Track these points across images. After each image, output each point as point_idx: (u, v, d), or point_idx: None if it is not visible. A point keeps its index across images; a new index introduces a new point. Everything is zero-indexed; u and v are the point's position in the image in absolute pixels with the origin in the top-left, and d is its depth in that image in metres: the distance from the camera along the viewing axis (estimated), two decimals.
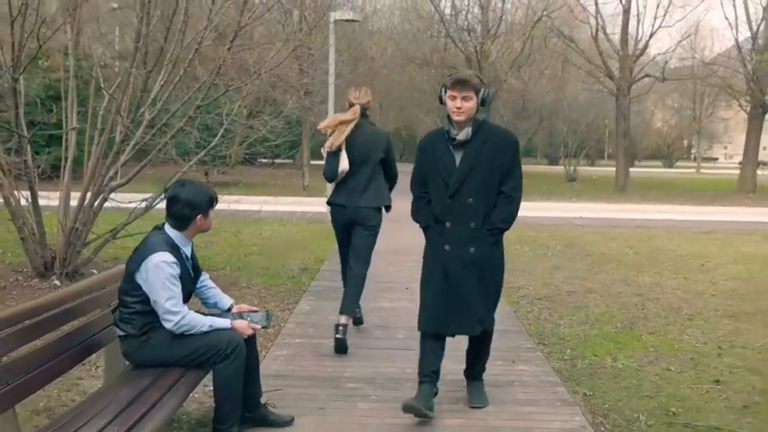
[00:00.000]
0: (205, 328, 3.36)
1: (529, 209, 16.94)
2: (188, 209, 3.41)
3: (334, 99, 13.76)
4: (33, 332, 2.94)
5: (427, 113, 33.37)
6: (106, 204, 6.62)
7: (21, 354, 2.84)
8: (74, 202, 6.76)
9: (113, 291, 3.60)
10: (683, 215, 16.94)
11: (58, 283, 6.32)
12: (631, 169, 46.35)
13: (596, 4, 22.46)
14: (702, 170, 49.77)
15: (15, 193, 6.41)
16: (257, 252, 9.38)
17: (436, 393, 3.77)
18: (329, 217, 5.41)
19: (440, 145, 3.75)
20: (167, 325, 3.31)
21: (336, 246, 5.51)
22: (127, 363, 3.55)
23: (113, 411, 2.89)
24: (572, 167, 30.09)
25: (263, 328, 3.61)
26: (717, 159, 74.46)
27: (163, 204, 3.56)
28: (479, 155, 3.65)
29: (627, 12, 23.09)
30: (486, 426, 3.76)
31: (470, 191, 3.64)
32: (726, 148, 75.52)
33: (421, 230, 3.92)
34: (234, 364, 3.33)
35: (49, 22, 6.23)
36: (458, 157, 3.68)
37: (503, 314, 6.19)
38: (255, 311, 3.63)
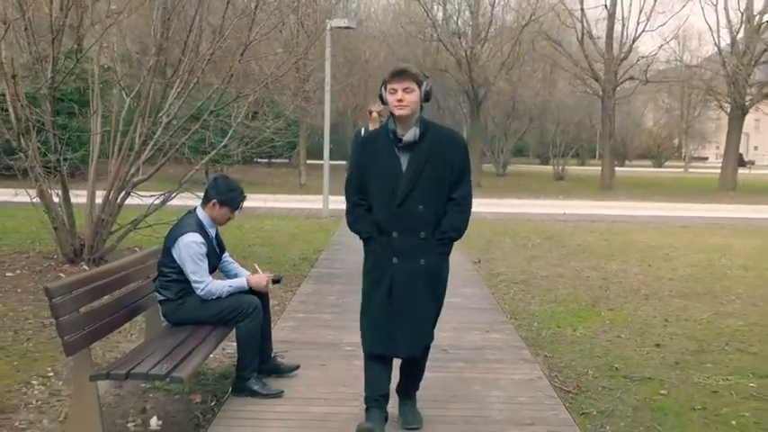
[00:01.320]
0: (225, 293, 4.16)
1: (516, 206, 17.93)
2: (213, 191, 4.20)
3: (329, 102, 14.56)
4: (98, 293, 3.76)
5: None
6: (128, 200, 7.41)
7: (92, 307, 3.65)
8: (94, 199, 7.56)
9: (152, 265, 4.41)
10: (662, 211, 17.81)
11: (86, 267, 7.12)
12: (621, 169, 47.43)
13: (582, 10, 23.32)
14: (691, 169, 50.73)
15: (48, 189, 7.18)
16: (260, 243, 10.18)
17: (386, 419, 3.55)
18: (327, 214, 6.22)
19: (382, 146, 3.38)
20: (195, 289, 4.11)
21: (333, 239, 6.28)
22: (164, 323, 4.36)
23: (161, 354, 3.69)
24: (560, 167, 30.98)
25: (274, 282, 4.39)
26: (707, 159, 75.52)
27: (175, 201, 4.36)
28: (429, 158, 3.31)
29: (612, 16, 23.99)
30: (462, 377, 4.56)
31: (420, 198, 3.31)
32: (718, 147, 76.65)
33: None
34: (253, 322, 4.14)
35: (82, 36, 6.99)
36: (404, 160, 3.34)
37: (482, 296, 7.06)
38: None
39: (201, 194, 4.31)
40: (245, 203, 4.36)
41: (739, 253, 10.35)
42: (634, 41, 24.15)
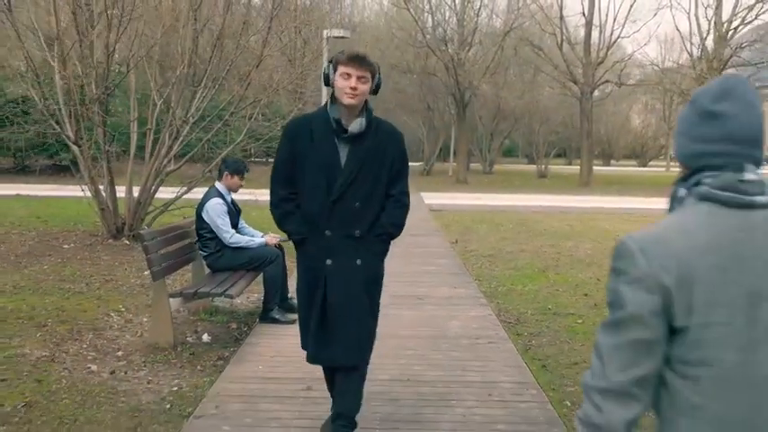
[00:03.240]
0: (246, 243, 5.65)
1: (496, 199, 19.52)
2: (225, 167, 5.77)
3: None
4: (168, 243, 5.28)
5: (411, 114, 35.70)
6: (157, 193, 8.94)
7: (167, 251, 5.17)
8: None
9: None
10: (630, 204, 19.40)
11: (127, 242, 8.62)
12: (605, 168, 49.12)
13: (561, 18, 24.95)
14: (673, 168, 52.46)
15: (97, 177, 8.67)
16: (264, 230, 11.67)
17: None
18: None
19: (320, 135, 3.05)
20: (224, 240, 5.60)
21: None
22: (207, 271, 5.87)
23: (215, 284, 5.21)
24: (543, 165, 32.63)
25: (278, 246, 5.89)
26: None
27: (192, 193, 5.82)
28: (371, 152, 3.06)
29: (589, 23, 25.66)
30: (431, 314, 6.06)
31: (358, 194, 3.04)
32: None
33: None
34: (277, 267, 5.65)
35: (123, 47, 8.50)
36: (344, 152, 3.04)
37: (454, 265, 8.58)
38: None
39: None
40: (244, 196, 5.95)
41: None
42: (609, 48, 25.82)
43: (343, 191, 3.03)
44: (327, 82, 3.05)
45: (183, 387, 4.23)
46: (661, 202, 20.42)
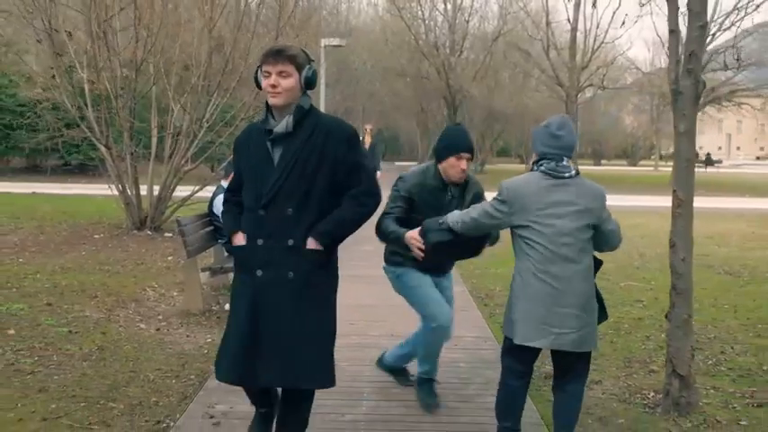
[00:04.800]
0: None
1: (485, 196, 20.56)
2: (228, 166, 6.92)
3: (324, 108, 17.23)
4: (198, 228, 6.43)
5: (405, 116, 36.97)
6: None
7: (198, 235, 6.34)
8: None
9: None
10: (609, 201, 20.59)
11: (150, 233, 9.77)
12: (595, 167, 50.33)
13: (547, 24, 26.14)
14: (661, 168, 53.69)
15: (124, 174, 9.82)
16: None
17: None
18: None
19: (254, 140, 2.89)
20: None
21: None
22: (225, 255, 7.02)
23: (231, 263, 6.35)
24: (532, 165, 33.81)
25: None
26: None
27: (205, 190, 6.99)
28: (303, 151, 2.78)
29: (574, 29, 26.85)
30: None
31: (289, 198, 2.78)
32: (701, 148, 79.93)
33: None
34: None
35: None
36: (276, 154, 2.81)
37: None
38: None
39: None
40: None
41: (643, 226, 13.13)
42: (593, 53, 27.04)
43: (272, 196, 2.77)
44: (258, 86, 2.85)
45: (215, 340, 5.38)
46: (639, 200, 21.69)
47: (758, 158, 78.09)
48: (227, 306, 6.46)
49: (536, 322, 3.06)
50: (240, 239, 2.91)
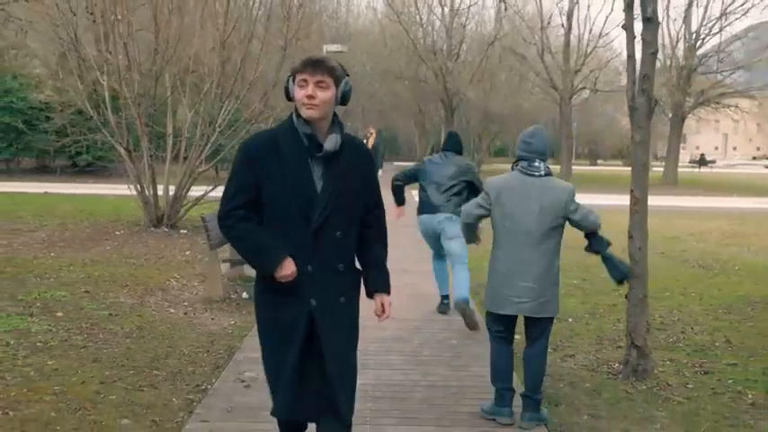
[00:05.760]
0: None
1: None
2: None
3: None
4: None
5: (404, 117, 37.75)
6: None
7: (217, 232, 7.06)
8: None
9: None
10: (599, 200, 21.34)
11: (167, 230, 10.50)
12: (591, 167, 51.06)
13: (542, 29, 26.94)
14: (654, 168, 54.44)
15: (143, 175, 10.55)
16: None
17: None
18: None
19: (290, 155, 2.62)
20: None
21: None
22: None
23: None
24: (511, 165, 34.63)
25: None
26: None
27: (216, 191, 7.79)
28: (348, 172, 2.68)
29: (568, 33, 27.68)
30: (410, 281, 7.95)
31: (338, 221, 2.65)
32: (698, 148, 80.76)
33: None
34: None
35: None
36: (317, 173, 2.63)
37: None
38: None
39: None
40: None
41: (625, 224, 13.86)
42: (587, 57, 27.83)
43: (323, 220, 2.60)
44: (288, 96, 2.66)
45: (237, 322, 6.12)
46: (626, 200, 22.35)
47: (754, 158, 78.84)
48: (244, 294, 7.19)
49: (503, 294, 3.87)
50: (291, 266, 2.58)
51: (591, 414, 4.20)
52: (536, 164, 3.86)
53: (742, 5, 26.51)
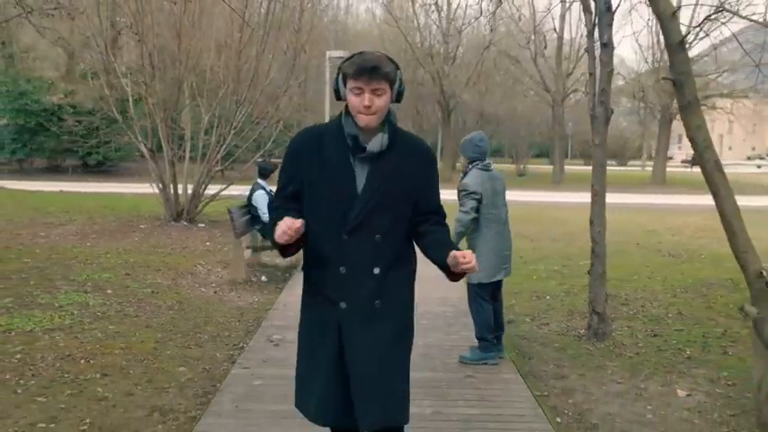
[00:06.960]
0: None
1: None
2: (263, 169, 8.69)
3: (328, 111, 19.12)
4: (242, 215, 8.16)
5: (402, 117, 38.63)
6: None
7: (241, 222, 8.06)
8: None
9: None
10: (588, 199, 22.37)
11: (186, 223, 11.48)
12: (585, 167, 52.03)
13: (534, 33, 27.90)
14: (648, 168, 55.48)
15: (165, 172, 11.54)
16: None
17: None
18: None
19: (332, 154, 2.52)
20: (264, 219, 8.51)
21: None
22: (260, 239, 8.74)
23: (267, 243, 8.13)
24: (522, 165, 35.70)
25: None
26: (671, 158, 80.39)
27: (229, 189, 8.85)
28: (395, 173, 2.52)
29: (561, 38, 28.73)
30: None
31: (379, 225, 2.51)
32: (680, 148, 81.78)
33: None
34: None
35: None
36: (361, 174, 2.51)
37: None
38: None
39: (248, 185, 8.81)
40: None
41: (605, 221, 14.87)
42: (578, 61, 28.85)
43: (360, 221, 2.49)
44: (339, 96, 2.56)
45: (260, 300, 7.11)
46: (617, 198, 23.42)
47: (749, 158, 79.86)
48: (263, 278, 8.19)
49: (498, 265, 5.00)
50: (287, 222, 2.36)
51: (556, 364, 5.20)
52: (487, 161, 5.04)
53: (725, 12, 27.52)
